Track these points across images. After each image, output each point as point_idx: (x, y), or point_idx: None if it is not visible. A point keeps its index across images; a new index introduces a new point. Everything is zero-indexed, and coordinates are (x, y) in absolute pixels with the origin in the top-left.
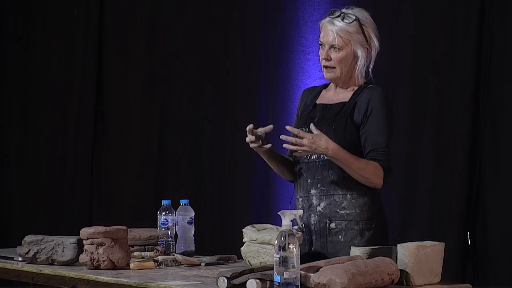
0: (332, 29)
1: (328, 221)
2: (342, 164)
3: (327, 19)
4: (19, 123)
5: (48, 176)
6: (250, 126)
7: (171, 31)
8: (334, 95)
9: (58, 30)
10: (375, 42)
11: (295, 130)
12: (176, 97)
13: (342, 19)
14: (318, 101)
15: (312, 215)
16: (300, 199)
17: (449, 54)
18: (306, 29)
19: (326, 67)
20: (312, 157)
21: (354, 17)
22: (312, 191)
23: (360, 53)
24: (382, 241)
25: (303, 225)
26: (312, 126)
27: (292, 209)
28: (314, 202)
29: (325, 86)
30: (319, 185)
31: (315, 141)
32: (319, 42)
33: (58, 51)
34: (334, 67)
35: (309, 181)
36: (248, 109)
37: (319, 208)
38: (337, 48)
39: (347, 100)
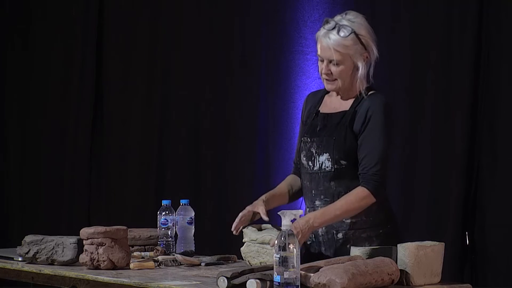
0: (329, 44)
1: (335, 232)
2: (332, 220)
3: (323, 31)
4: (18, 123)
5: (47, 176)
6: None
7: (171, 31)
8: (336, 103)
9: (58, 30)
10: (373, 48)
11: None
12: (176, 97)
13: (338, 32)
14: (321, 109)
15: None
16: (307, 210)
17: (447, 55)
18: (305, 29)
19: (326, 79)
20: (315, 168)
21: (350, 30)
22: (317, 202)
23: (360, 63)
24: (395, 245)
25: (313, 235)
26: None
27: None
28: None
29: (328, 91)
30: (322, 197)
31: (295, 227)
32: (318, 55)
33: (58, 51)
34: (335, 80)
35: (313, 192)
36: (248, 109)
37: None
38: (336, 63)
39: (347, 108)
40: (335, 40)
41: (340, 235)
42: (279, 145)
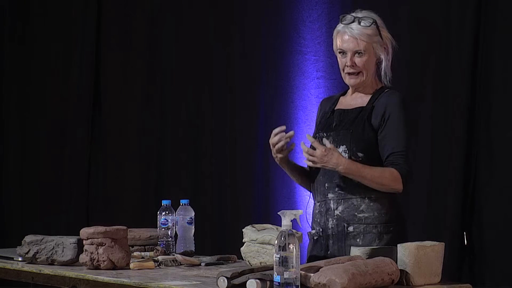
0: (353, 34)
1: (346, 225)
2: (357, 178)
3: (341, 26)
4: (17, 123)
5: (47, 176)
6: (283, 128)
7: (170, 31)
8: (352, 101)
9: (57, 31)
10: (391, 41)
11: (311, 139)
12: (175, 97)
13: (359, 23)
14: (336, 108)
15: (330, 219)
16: (318, 204)
17: (446, 55)
18: (304, 29)
19: (350, 73)
20: None
21: (372, 20)
22: (330, 195)
23: (382, 54)
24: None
25: (320, 230)
26: (325, 141)
27: (309, 215)
28: (332, 206)
29: (343, 93)
30: (336, 189)
31: (327, 155)
32: (339, 50)
33: (56, 50)
34: (360, 72)
35: (326, 185)
36: (247, 109)
37: (337, 212)
38: (362, 53)
39: (364, 104)
40: (358, 29)
41: (351, 229)
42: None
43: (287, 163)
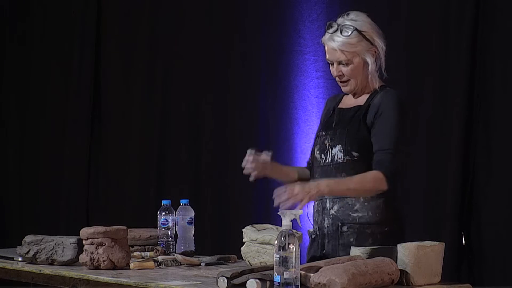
0: (334, 46)
1: (340, 224)
2: (341, 193)
3: (327, 36)
4: (17, 123)
5: (47, 176)
6: (251, 153)
7: (171, 30)
8: (352, 99)
9: (57, 31)
10: (379, 42)
11: (281, 188)
12: (176, 97)
13: (341, 33)
14: (338, 106)
15: (326, 218)
16: (316, 203)
17: (445, 56)
18: (303, 29)
19: (341, 82)
20: (327, 161)
21: (352, 28)
22: None
23: (369, 59)
24: (396, 245)
25: (317, 229)
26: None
27: (310, 215)
28: (328, 205)
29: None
30: None
31: (304, 187)
32: (327, 60)
33: (56, 50)
34: (349, 80)
35: None
36: (247, 109)
37: (332, 211)
38: (345, 63)
39: (362, 103)
40: (339, 41)
41: (345, 228)
42: (279, 145)
43: (276, 173)
